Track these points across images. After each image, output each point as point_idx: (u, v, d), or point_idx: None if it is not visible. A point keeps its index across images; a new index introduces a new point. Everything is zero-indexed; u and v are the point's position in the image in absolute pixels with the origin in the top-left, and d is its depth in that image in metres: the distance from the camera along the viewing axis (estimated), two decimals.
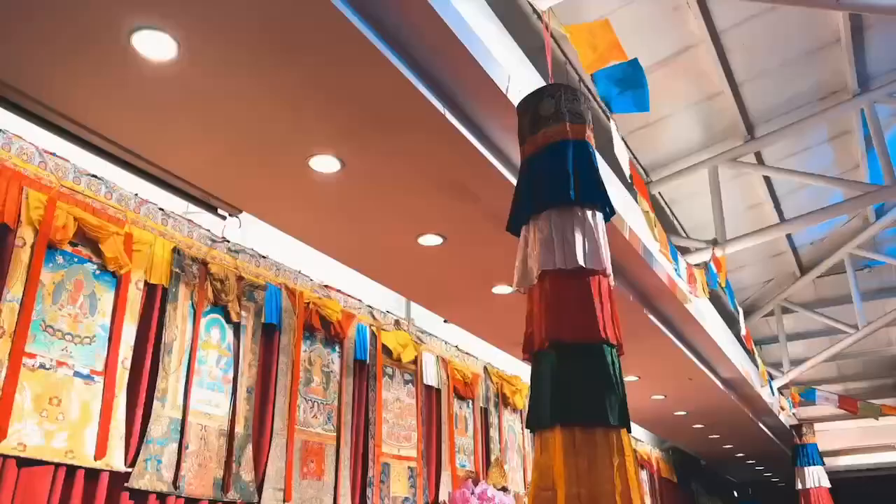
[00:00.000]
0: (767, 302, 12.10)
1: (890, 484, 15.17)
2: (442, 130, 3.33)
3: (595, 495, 2.48)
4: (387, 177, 3.76)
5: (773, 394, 10.27)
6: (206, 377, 4.16)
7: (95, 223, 3.55)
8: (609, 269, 2.81)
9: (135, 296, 3.79)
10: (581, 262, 2.76)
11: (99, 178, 3.68)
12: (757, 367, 9.54)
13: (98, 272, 3.62)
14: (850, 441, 14.54)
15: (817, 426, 12.18)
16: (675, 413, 9.92)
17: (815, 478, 10.85)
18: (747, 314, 11.31)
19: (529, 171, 3.03)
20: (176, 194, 3.97)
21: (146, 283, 3.88)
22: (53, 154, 3.46)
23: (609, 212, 2.93)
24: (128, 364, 3.67)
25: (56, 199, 3.40)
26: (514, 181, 3.76)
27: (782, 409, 11.02)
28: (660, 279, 5.50)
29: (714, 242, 7.41)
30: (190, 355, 4.05)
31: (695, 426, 10.90)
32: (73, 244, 3.51)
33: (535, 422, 2.72)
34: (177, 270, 4.07)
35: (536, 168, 2.99)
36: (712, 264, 6.59)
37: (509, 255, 4.57)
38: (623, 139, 6.43)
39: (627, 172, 3.96)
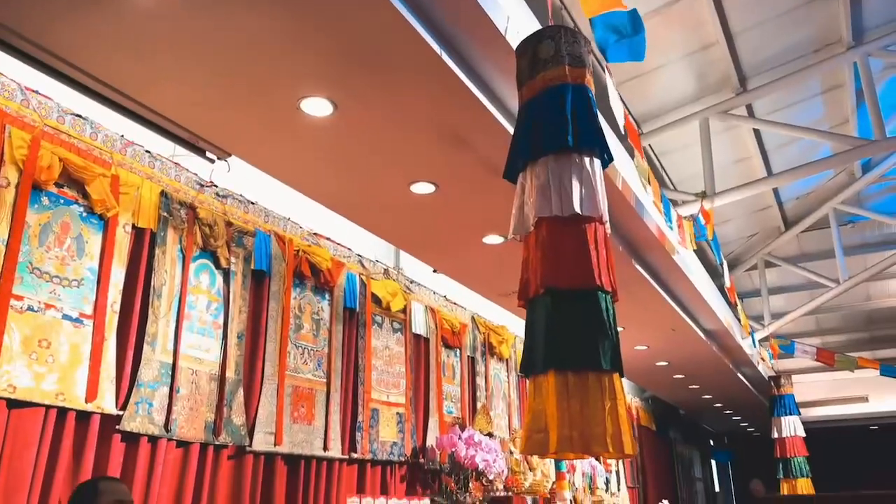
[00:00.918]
0: (751, 256, 12.22)
1: (861, 433, 15.70)
2: (439, 73, 3.26)
3: (587, 437, 2.52)
4: (380, 121, 3.69)
5: (754, 345, 10.46)
6: (196, 322, 4.15)
7: (81, 164, 3.47)
8: (606, 216, 2.81)
9: (123, 239, 3.73)
10: (577, 209, 2.75)
11: (84, 118, 3.58)
12: (739, 319, 9.68)
13: (85, 214, 3.56)
14: (824, 393, 14.93)
15: (794, 378, 12.47)
16: (657, 363, 10.09)
17: (791, 427, 11.16)
18: (730, 267, 11.40)
19: (527, 117, 2.99)
20: (163, 136, 3.88)
21: (134, 227, 3.82)
22: (36, 92, 3.35)
23: (607, 158, 2.90)
24: (117, 308, 3.64)
25: (40, 138, 3.31)
26: (510, 129, 3.71)
27: (762, 360, 11.24)
28: (650, 230, 5.51)
29: (703, 195, 7.42)
30: (179, 300, 4.02)
31: (675, 376, 11.10)
32: (58, 185, 3.43)
33: (529, 367, 2.75)
34: (164, 214, 4.01)
35: (534, 113, 2.95)
36: (701, 217, 6.61)
37: (501, 205, 4.57)
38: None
39: (622, 123, 3.92)
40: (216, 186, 4.43)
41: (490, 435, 6.57)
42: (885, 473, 12.49)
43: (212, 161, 4.20)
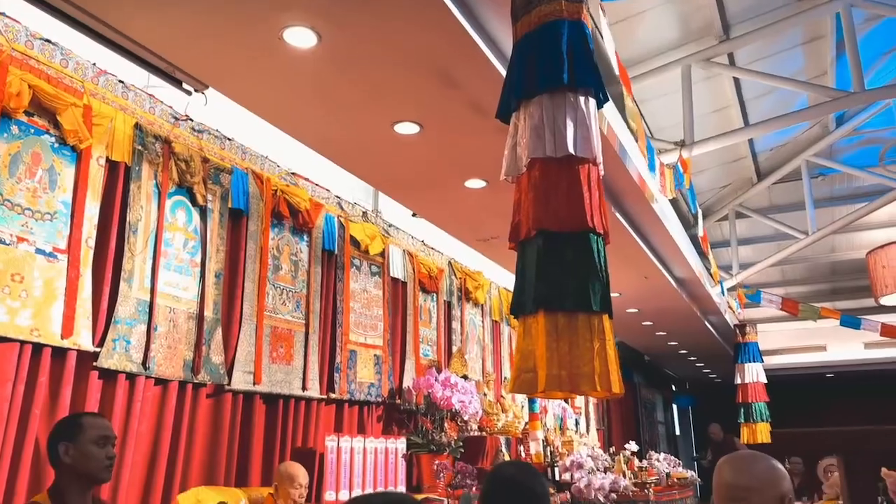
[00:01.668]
0: (722, 207, 12.35)
1: (817, 380, 16.31)
2: (429, 5, 3.14)
3: (575, 376, 2.54)
4: (366, 55, 3.56)
5: (722, 294, 10.67)
6: (174, 260, 4.06)
7: (52, 92, 3.31)
8: (599, 158, 2.77)
9: (96, 172, 3.60)
10: (571, 149, 2.71)
11: (53, 44, 3.39)
12: (710, 268, 9.84)
13: (57, 146, 3.41)
14: (785, 342, 15.37)
15: (758, 327, 12.79)
16: (628, 311, 10.24)
17: (753, 373, 11.50)
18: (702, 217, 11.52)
19: (521, 53, 2.91)
20: (137, 64, 3.70)
21: (108, 160, 3.69)
22: (2, 14, 3.16)
23: (602, 98, 2.85)
24: (92, 243, 3.53)
25: (7, 63, 3.14)
26: (500, 69, 3.62)
27: (730, 308, 11.49)
28: (631, 177, 5.50)
29: (682, 144, 7.42)
30: (156, 237, 3.92)
31: (644, 323, 11.30)
32: (28, 114, 3.28)
33: (519, 308, 2.74)
34: (139, 148, 3.88)
35: (529, 50, 2.87)
36: (679, 165, 6.62)
37: (486, 148, 4.51)
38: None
39: (614, 62, 3.85)
40: (192, 120, 4.29)
41: (465, 377, 6.64)
42: (837, 420, 13.03)
43: (189, 93, 4.04)
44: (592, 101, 2.81)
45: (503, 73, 3.48)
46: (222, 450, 4.21)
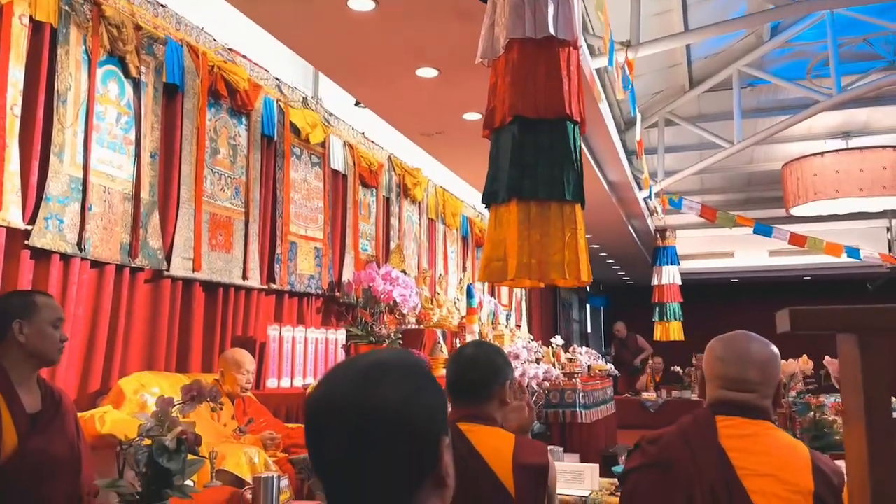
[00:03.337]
0: (653, 113, 12.48)
1: (723, 283, 17.41)
2: None
3: (545, 264, 2.55)
4: None
5: (649, 198, 10.98)
6: (106, 135, 3.76)
7: None
8: (581, 41, 2.68)
9: (19, 32, 3.22)
10: (552, 30, 2.60)
11: None
12: (641, 173, 10.05)
13: None
14: (696, 248, 16.14)
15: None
16: None
17: (670, 275, 12.08)
18: (631, 124, 11.63)
19: None
20: None
21: (31, 20, 3.30)
22: None
23: None
24: (18, 111, 3.21)
25: None
26: None
27: (654, 212, 11.87)
28: (583, 74, 5.41)
29: (628, 44, 7.34)
30: (87, 109, 3.60)
31: None
32: None
33: (491, 197, 2.69)
34: (66, 9, 3.49)
35: None
36: (626, 66, 6.58)
37: (444, 34, 4.32)
38: None
39: None
40: None
41: (403, 272, 6.66)
42: (742, 321, 13.94)
43: None
44: None
45: None
46: (162, 336, 4.09)
